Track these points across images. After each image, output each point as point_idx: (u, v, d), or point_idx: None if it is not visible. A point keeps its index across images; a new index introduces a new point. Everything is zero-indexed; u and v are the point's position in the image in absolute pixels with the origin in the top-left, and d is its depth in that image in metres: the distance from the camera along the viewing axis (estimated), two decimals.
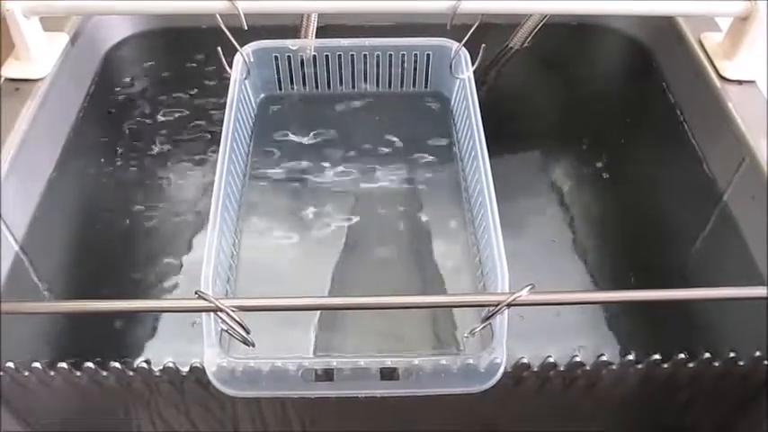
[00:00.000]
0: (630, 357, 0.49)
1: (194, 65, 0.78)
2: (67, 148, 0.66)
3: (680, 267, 0.64)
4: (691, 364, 0.49)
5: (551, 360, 0.48)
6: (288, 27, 0.71)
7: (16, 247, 0.57)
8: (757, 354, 0.49)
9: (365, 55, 0.71)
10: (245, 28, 0.61)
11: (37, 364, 0.49)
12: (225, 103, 0.64)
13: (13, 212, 0.57)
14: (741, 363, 0.49)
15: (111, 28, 0.76)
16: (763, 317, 0.52)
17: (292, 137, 0.73)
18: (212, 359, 0.48)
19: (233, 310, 0.42)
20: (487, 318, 0.44)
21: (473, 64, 0.67)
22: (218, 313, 0.42)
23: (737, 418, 0.56)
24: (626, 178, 0.74)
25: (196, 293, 0.42)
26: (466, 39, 0.66)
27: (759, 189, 0.56)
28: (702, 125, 0.65)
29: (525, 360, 0.48)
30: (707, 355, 0.49)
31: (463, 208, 0.66)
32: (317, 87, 0.74)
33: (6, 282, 0.55)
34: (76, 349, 0.54)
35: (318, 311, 0.59)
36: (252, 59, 0.69)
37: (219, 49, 0.63)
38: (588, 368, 0.49)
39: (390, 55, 0.71)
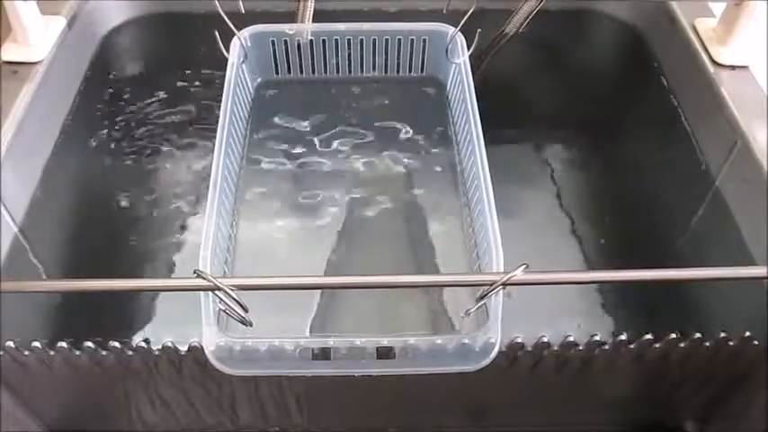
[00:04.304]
0: (623, 337, 0.50)
1: (191, 49, 0.79)
2: (65, 130, 0.67)
3: (672, 249, 0.65)
4: (682, 344, 0.50)
5: (545, 340, 0.49)
6: (285, 12, 0.71)
7: (15, 229, 0.58)
8: (747, 334, 0.50)
9: (361, 40, 0.71)
10: (243, 12, 0.62)
11: (37, 344, 0.49)
12: (222, 87, 0.64)
13: (12, 194, 0.57)
14: (731, 342, 0.50)
15: (107, 12, 0.77)
16: (752, 297, 0.53)
17: (289, 121, 0.73)
18: (211, 338, 0.48)
19: (232, 289, 0.42)
20: (482, 297, 0.44)
21: (469, 49, 0.68)
22: (217, 292, 0.43)
23: (728, 396, 0.57)
24: (620, 162, 0.75)
25: (195, 272, 0.42)
26: (462, 24, 0.66)
27: (751, 172, 0.56)
28: (696, 110, 0.65)
29: (520, 339, 0.49)
30: (698, 335, 0.50)
31: (459, 191, 0.66)
32: (313, 72, 0.74)
33: (6, 263, 0.56)
34: (76, 329, 0.55)
35: (316, 293, 0.59)
36: (249, 44, 0.69)
37: (217, 32, 0.63)
38: (581, 348, 0.50)
39: (387, 40, 0.72)
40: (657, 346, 0.50)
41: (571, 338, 0.49)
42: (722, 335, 0.50)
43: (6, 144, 0.57)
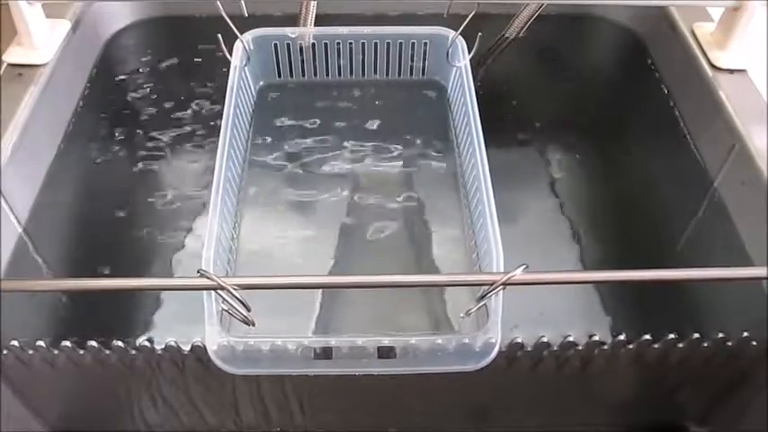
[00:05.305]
0: (622, 338, 0.50)
1: (194, 52, 0.79)
2: (69, 132, 0.67)
3: (672, 251, 0.65)
4: (680, 345, 0.50)
5: (545, 340, 0.50)
6: (287, 16, 0.72)
7: (20, 230, 0.58)
8: (745, 334, 0.50)
9: (363, 43, 0.72)
10: (246, 15, 0.62)
11: (41, 343, 0.50)
12: (225, 89, 0.65)
13: (17, 195, 0.58)
14: (729, 343, 0.51)
15: (111, 15, 0.77)
16: (751, 298, 0.53)
17: (291, 124, 0.74)
18: (213, 338, 0.49)
19: (235, 289, 0.42)
20: (483, 297, 0.45)
21: (469, 53, 0.68)
22: (220, 292, 0.43)
23: (726, 396, 0.57)
24: (619, 165, 0.75)
25: (198, 272, 0.43)
26: (462, 27, 0.67)
27: (749, 175, 0.57)
28: (694, 113, 0.66)
29: (519, 340, 0.49)
30: (696, 335, 0.50)
31: (459, 193, 0.67)
32: (315, 75, 0.74)
33: (10, 263, 0.56)
34: (80, 329, 0.55)
35: (318, 293, 0.60)
36: (252, 47, 0.70)
37: (220, 36, 0.64)
38: (581, 348, 0.50)
39: (388, 43, 0.72)
40: (656, 346, 0.50)
41: (570, 339, 0.50)
42: (720, 335, 0.50)
43: (11, 146, 0.58)
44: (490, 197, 0.56)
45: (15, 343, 0.50)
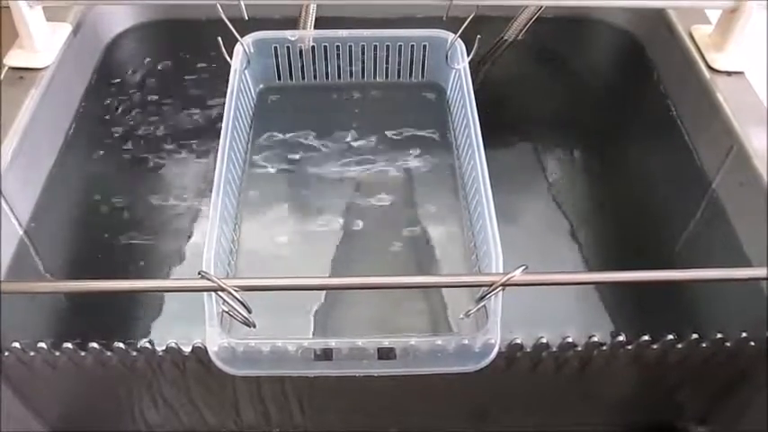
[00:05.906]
0: (621, 338, 0.50)
1: (195, 56, 0.79)
2: (70, 135, 0.67)
3: (670, 252, 0.66)
4: (679, 345, 0.51)
5: (544, 341, 0.50)
6: (287, 19, 0.72)
7: (21, 232, 0.58)
8: (743, 335, 0.51)
9: (363, 46, 0.72)
10: (246, 18, 0.62)
11: (42, 345, 0.50)
12: (225, 93, 0.65)
13: (18, 197, 0.58)
14: (728, 343, 0.51)
15: (112, 19, 0.77)
16: (749, 299, 0.54)
17: (291, 126, 0.74)
18: (214, 339, 0.49)
19: (235, 290, 0.43)
20: (482, 298, 0.45)
21: (468, 55, 0.69)
22: (221, 293, 0.43)
23: (726, 397, 0.57)
24: (618, 167, 0.76)
25: (199, 273, 0.43)
26: (461, 30, 0.67)
27: (747, 176, 0.57)
28: (692, 115, 0.66)
29: (519, 341, 0.50)
30: (695, 336, 0.50)
31: (459, 195, 0.67)
32: (315, 78, 0.75)
33: (11, 265, 0.56)
34: (81, 330, 0.55)
35: (317, 294, 0.60)
36: (252, 50, 0.70)
37: (220, 39, 0.64)
38: (580, 349, 0.50)
39: (388, 46, 0.72)
40: (655, 346, 0.51)
41: (570, 339, 0.50)
42: (719, 336, 0.50)
43: (12, 149, 0.58)
44: (489, 198, 0.56)
45: (17, 344, 0.50)
